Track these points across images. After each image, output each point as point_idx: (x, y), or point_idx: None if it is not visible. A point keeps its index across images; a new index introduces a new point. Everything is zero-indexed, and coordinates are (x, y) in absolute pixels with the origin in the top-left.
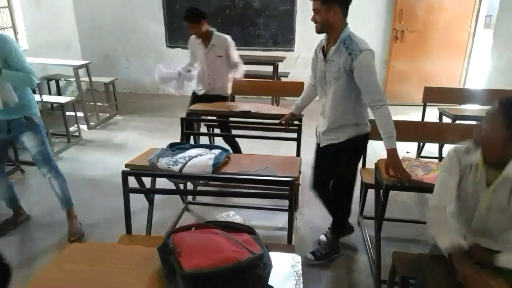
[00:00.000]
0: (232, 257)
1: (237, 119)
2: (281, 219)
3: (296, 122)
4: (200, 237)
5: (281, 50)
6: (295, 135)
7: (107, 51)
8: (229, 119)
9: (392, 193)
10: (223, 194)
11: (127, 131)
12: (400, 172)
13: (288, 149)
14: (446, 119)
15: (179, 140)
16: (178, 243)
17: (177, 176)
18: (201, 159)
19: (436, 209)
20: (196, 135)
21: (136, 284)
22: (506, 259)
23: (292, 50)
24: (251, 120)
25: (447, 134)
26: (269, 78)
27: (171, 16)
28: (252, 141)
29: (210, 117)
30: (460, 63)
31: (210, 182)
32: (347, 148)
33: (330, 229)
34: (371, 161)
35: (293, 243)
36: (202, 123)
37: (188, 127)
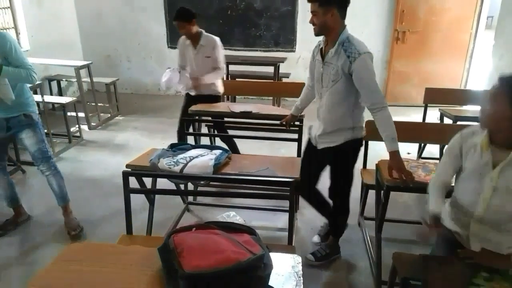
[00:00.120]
0: (233, 258)
1: (238, 120)
2: (282, 219)
3: (297, 123)
4: (200, 238)
5: (282, 51)
6: (296, 136)
7: (109, 52)
8: (224, 119)
9: (393, 193)
10: (224, 195)
11: (128, 131)
12: (404, 174)
13: (289, 149)
14: (447, 120)
15: (177, 141)
16: (178, 244)
17: (178, 177)
18: (202, 159)
19: (432, 180)
20: (191, 135)
21: (136, 285)
22: None
23: (294, 51)
24: (252, 121)
25: (448, 135)
26: (270, 79)
27: (173, 17)
28: (253, 141)
29: (205, 117)
30: (461, 64)
31: (211, 183)
32: (344, 151)
33: (322, 227)
34: (371, 162)
35: (293, 244)
36: (202, 124)
37: (186, 128)
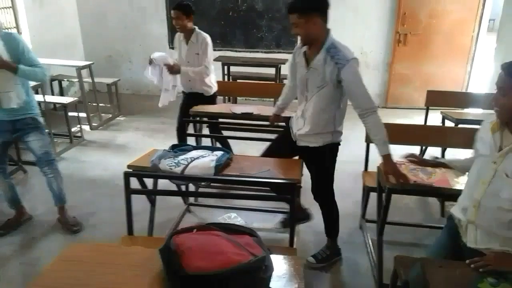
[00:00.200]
0: (234, 260)
1: (239, 121)
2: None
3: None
4: (201, 239)
5: (283, 52)
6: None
7: (110, 52)
8: (219, 120)
9: (394, 196)
10: (225, 196)
11: (129, 132)
12: (401, 177)
13: None
14: (448, 123)
15: (177, 142)
16: (179, 245)
17: (179, 178)
18: (203, 160)
19: None
20: (192, 136)
21: (137, 286)
22: None
23: None
24: (253, 122)
25: (449, 138)
26: (271, 80)
27: (173, 5)
28: (254, 143)
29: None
30: (463, 67)
31: (212, 184)
32: (321, 152)
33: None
34: (373, 165)
35: (294, 246)
36: (204, 125)
37: (183, 128)
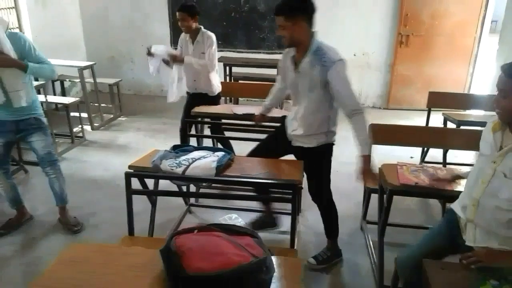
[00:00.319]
0: (235, 261)
1: (240, 122)
2: (284, 222)
3: None
4: (202, 240)
5: None
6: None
7: (112, 53)
8: (222, 120)
9: (395, 198)
10: (226, 197)
11: (131, 132)
12: (372, 178)
13: None
14: (450, 125)
15: (179, 142)
16: (180, 246)
17: (180, 178)
18: (204, 161)
19: None
20: (193, 137)
21: (138, 286)
22: None
23: None
24: (253, 123)
25: (451, 139)
26: (273, 81)
27: (178, 7)
28: (255, 144)
29: (206, 119)
30: (465, 68)
31: (213, 185)
32: (316, 153)
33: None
34: (374, 166)
35: (295, 247)
36: (205, 125)
37: (189, 129)
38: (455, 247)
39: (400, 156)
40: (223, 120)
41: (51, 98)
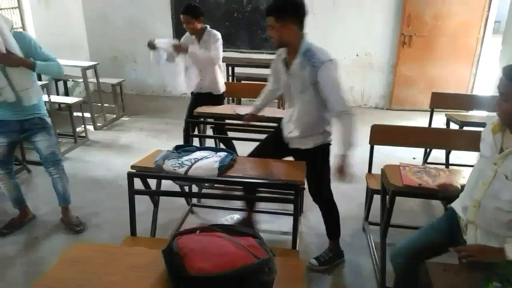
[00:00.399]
0: (237, 262)
1: (242, 122)
2: (286, 223)
3: None
4: (205, 241)
5: None
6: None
7: (115, 53)
8: (225, 121)
9: (398, 199)
10: (228, 197)
11: (133, 132)
12: (343, 175)
13: None
14: (453, 125)
15: (183, 142)
16: (182, 246)
17: (183, 179)
18: (206, 161)
19: None
20: (196, 137)
21: (140, 287)
22: None
23: None
24: (257, 124)
25: (454, 140)
26: None
27: (179, 18)
28: (257, 144)
29: (209, 119)
30: (468, 69)
31: (215, 185)
32: (313, 153)
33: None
34: (376, 167)
35: (297, 248)
36: (207, 126)
37: (192, 130)
38: (453, 245)
39: (402, 157)
40: (226, 121)
41: (54, 98)
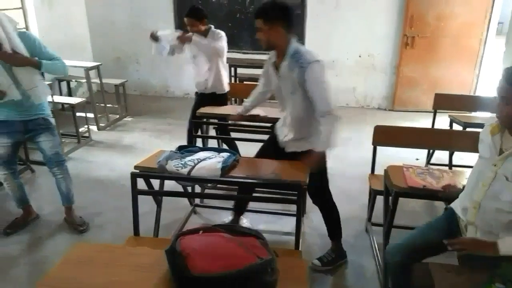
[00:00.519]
0: (240, 262)
1: (245, 123)
2: (288, 223)
3: None
4: (207, 241)
5: None
6: None
7: (118, 53)
8: (229, 121)
9: (401, 200)
10: (231, 198)
11: (136, 132)
12: (313, 166)
13: None
14: (456, 127)
15: (186, 143)
16: (185, 246)
17: (186, 179)
18: (209, 162)
19: None
20: (199, 137)
21: (143, 287)
22: (506, 246)
23: None
24: (260, 124)
25: (457, 141)
26: None
27: (182, 19)
28: (260, 145)
29: (212, 120)
30: (471, 70)
31: (218, 185)
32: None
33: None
34: (379, 168)
35: (300, 249)
36: (210, 126)
37: (195, 130)
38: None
39: (405, 157)
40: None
41: (58, 98)
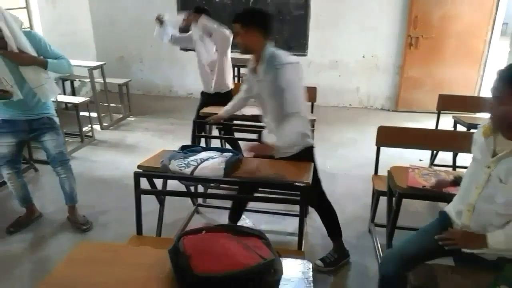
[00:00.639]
0: (243, 262)
1: (248, 123)
2: (291, 224)
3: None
4: (210, 241)
5: (294, 54)
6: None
7: (122, 53)
8: (233, 122)
9: (404, 201)
10: (234, 198)
11: (140, 132)
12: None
13: None
14: (460, 128)
15: (190, 142)
16: (188, 246)
17: (189, 179)
18: (212, 162)
19: None
20: (205, 137)
21: (146, 286)
22: (494, 239)
23: (305, 55)
24: (263, 124)
25: (461, 142)
26: None
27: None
28: None
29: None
30: (475, 71)
31: (221, 185)
32: (299, 159)
33: None
34: (383, 168)
35: (303, 249)
36: (213, 126)
37: (199, 130)
38: (448, 250)
39: (408, 158)
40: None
41: (61, 98)
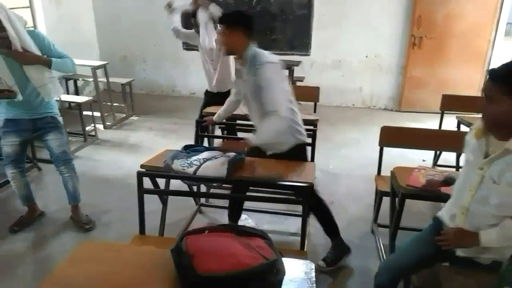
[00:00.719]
0: (245, 262)
1: (251, 123)
2: (294, 224)
3: (311, 127)
4: (213, 241)
5: (297, 54)
6: (309, 140)
7: (125, 53)
8: (237, 121)
9: (407, 201)
10: (236, 198)
11: (142, 131)
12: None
13: None
14: (464, 128)
15: (193, 142)
16: (191, 246)
17: (192, 178)
18: (215, 162)
19: None
20: (209, 137)
21: (148, 286)
22: (487, 237)
23: (308, 55)
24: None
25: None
26: None
27: (188, 18)
28: None
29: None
30: (479, 71)
31: (224, 185)
32: (291, 156)
33: None
34: (386, 169)
35: (305, 249)
36: (216, 126)
37: (202, 130)
38: (443, 256)
39: (411, 158)
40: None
41: (65, 97)
